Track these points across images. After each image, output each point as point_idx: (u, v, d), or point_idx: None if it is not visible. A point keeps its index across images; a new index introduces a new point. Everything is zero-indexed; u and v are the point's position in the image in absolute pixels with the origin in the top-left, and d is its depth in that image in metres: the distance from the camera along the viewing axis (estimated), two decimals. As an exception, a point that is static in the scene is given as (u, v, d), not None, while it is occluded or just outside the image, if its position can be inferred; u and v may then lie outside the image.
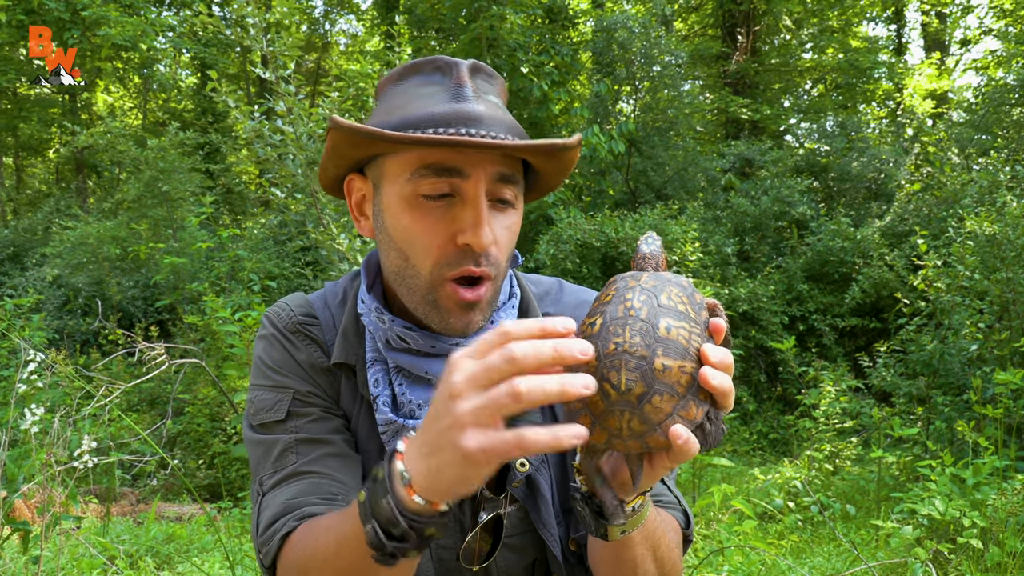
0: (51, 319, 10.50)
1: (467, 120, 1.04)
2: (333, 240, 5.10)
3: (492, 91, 1.16)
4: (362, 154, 1.12)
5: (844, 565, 4.38)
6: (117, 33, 12.87)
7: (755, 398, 9.58)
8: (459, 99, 1.07)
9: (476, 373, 0.76)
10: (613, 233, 9.59)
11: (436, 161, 1.04)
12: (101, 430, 5.40)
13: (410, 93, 1.12)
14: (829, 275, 10.52)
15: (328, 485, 1.09)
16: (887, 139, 15.00)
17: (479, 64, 1.16)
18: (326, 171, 1.19)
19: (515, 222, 1.13)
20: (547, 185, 1.22)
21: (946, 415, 6.04)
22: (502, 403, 0.74)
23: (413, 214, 1.07)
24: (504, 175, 1.08)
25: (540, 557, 1.19)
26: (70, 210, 14.46)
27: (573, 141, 1.08)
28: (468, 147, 1.02)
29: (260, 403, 1.17)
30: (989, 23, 17.39)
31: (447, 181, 1.05)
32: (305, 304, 1.26)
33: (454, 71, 1.10)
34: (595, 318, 0.86)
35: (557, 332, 0.77)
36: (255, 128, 5.09)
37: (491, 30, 11.92)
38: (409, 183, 1.06)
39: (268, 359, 1.20)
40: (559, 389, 0.74)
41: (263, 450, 1.14)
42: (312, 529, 1.02)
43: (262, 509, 1.10)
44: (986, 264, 6.43)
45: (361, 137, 1.05)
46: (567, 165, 1.15)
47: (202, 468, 6.74)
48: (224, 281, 8.34)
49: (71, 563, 3.94)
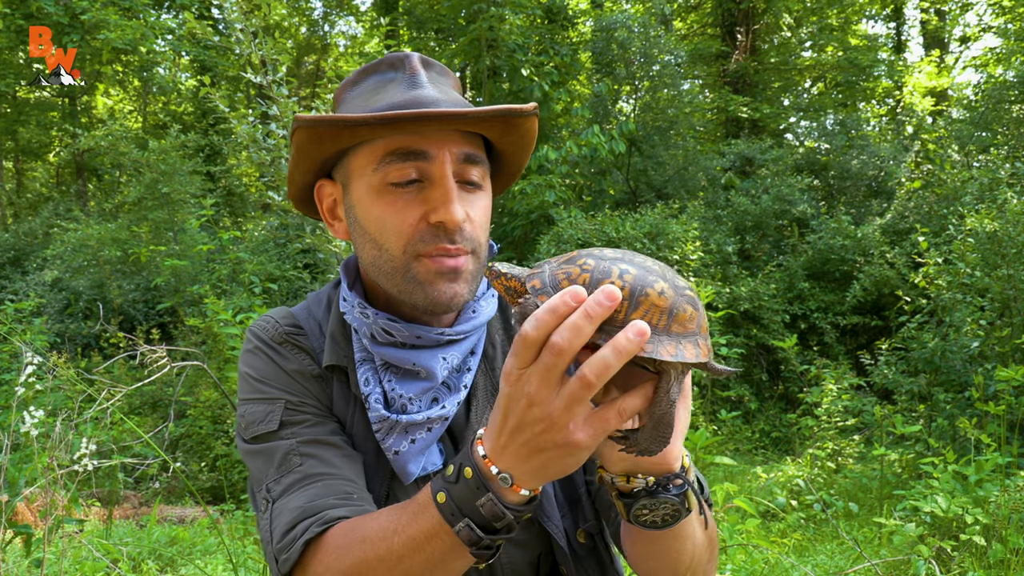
0: (52, 323, 10.51)
1: (425, 103, 1.08)
2: (330, 243, 5.11)
3: (446, 83, 1.20)
4: (327, 151, 1.13)
5: (847, 563, 4.38)
6: (117, 37, 12.88)
7: (757, 397, 9.57)
8: (415, 87, 1.11)
9: (543, 379, 0.80)
10: (614, 233, 9.59)
11: (400, 146, 1.07)
12: (103, 433, 5.40)
13: (368, 92, 1.16)
14: (830, 273, 10.52)
15: (341, 485, 1.08)
16: (887, 137, 15.00)
17: (429, 59, 1.20)
18: (294, 182, 1.20)
19: (486, 204, 1.15)
20: (512, 166, 1.23)
21: (948, 412, 6.04)
22: (582, 395, 0.80)
23: (383, 201, 1.09)
24: (468, 155, 1.10)
25: (545, 551, 1.18)
26: (70, 213, 14.48)
27: (529, 107, 1.10)
28: (430, 119, 1.04)
29: (251, 416, 1.16)
30: (988, 20, 17.40)
31: (413, 165, 1.07)
32: (289, 316, 1.26)
33: (406, 63, 1.15)
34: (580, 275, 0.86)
35: (571, 305, 0.79)
36: (249, 132, 5.09)
37: (490, 31, 11.92)
38: (377, 173, 1.09)
39: (255, 372, 1.19)
40: (617, 353, 0.78)
41: (263, 459, 1.13)
42: (355, 536, 0.99)
43: (274, 517, 1.07)
44: (987, 261, 6.42)
45: (323, 128, 1.06)
46: (527, 139, 1.16)
47: (204, 471, 6.74)
48: (225, 283, 8.35)
49: (74, 566, 3.95)
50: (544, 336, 0.79)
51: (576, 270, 0.84)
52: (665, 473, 0.93)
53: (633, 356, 0.79)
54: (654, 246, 9.55)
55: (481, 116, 1.06)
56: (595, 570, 1.18)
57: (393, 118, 1.02)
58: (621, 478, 0.94)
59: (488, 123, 1.10)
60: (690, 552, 1.05)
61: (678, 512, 0.94)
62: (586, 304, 0.78)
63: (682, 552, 1.04)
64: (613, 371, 0.78)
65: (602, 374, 0.78)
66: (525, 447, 0.84)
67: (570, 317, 0.78)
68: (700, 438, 4.47)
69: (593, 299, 0.78)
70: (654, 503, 0.93)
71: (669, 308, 0.83)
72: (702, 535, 1.07)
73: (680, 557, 1.04)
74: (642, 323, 0.78)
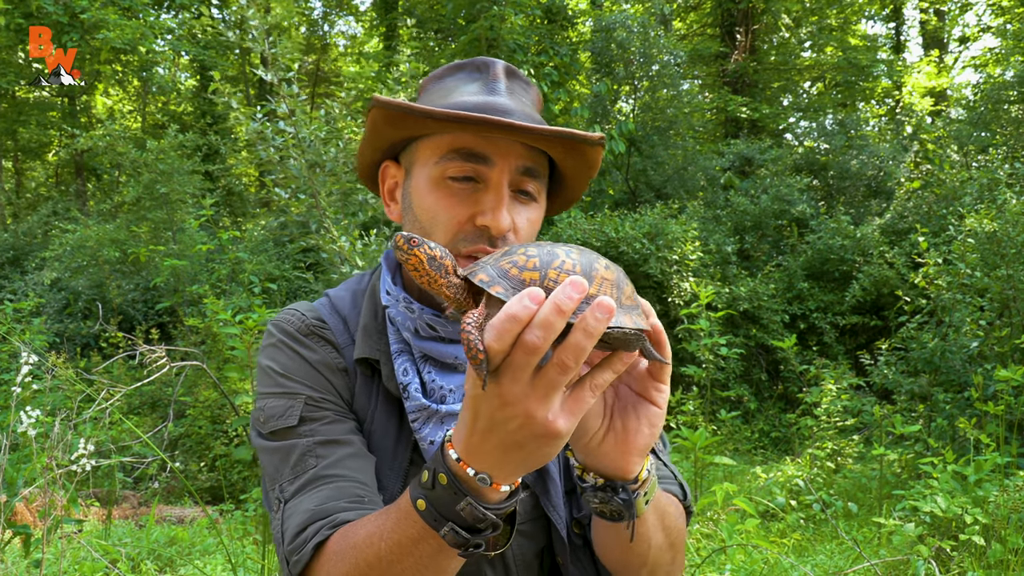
0: (51, 323, 10.50)
1: (495, 110, 1.12)
2: (334, 243, 5.11)
3: (526, 96, 1.23)
4: (398, 135, 1.18)
5: (847, 563, 4.38)
6: (116, 36, 12.87)
7: (756, 397, 9.57)
8: (491, 92, 1.16)
9: (515, 377, 0.80)
10: (613, 233, 9.59)
11: (464, 146, 1.11)
12: (102, 433, 5.39)
13: (448, 88, 1.21)
14: (829, 273, 10.52)
15: (353, 488, 1.08)
16: (886, 137, 15.00)
17: (516, 69, 1.24)
18: (363, 156, 1.26)
19: (536, 217, 1.18)
20: (571, 189, 1.27)
21: (947, 412, 6.04)
22: (559, 381, 0.80)
23: (438, 193, 1.14)
24: (528, 168, 1.14)
25: (547, 544, 1.20)
26: (69, 213, 14.46)
27: (596, 136, 1.12)
28: (493, 127, 1.07)
29: (271, 410, 1.17)
30: (987, 20, 17.41)
31: (473, 166, 1.12)
32: (313, 309, 1.28)
33: (490, 68, 1.20)
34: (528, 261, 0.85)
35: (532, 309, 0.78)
36: (257, 130, 5.09)
37: (491, 31, 11.92)
38: (438, 166, 1.13)
39: (278, 366, 1.20)
40: (587, 334, 0.78)
41: (280, 457, 1.14)
42: (348, 542, 1.00)
43: (286, 517, 1.08)
44: (986, 261, 6.43)
45: (396, 112, 1.11)
46: (590, 163, 1.19)
47: (204, 471, 6.74)
48: (224, 283, 8.35)
49: (73, 567, 3.94)
50: (509, 345, 0.79)
51: (522, 259, 0.84)
52: (617, 479, 0.96)
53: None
54: (653, 246, 9.55)
55: (544, 134, 1.09)
56: (588, 562, 1.19)
57: (458, 118, 1.07)
58: (578, 467, 0.98)
59: (551, 142, 1.13)
60: (644, 551, 1.08)
61: (621, 514, 0.98)
62: (556, 299, 0.78)
63: (635, 548, 1.07)
64: (588, 351, 0.79)
65: (579, 356, 0.79)
66: (501, 445, 0.84)
67: (540, 313, 0.78)
68: (699, 438, 4.48)
69: (562, 293, 0.78)
70: (604, 496, 0.97)
71: (616, 282, 0.86)
72: (662, 539, 1.10)
73: (632, 552, 1.07)
74: (607, 299, 0.79)
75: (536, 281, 0.82)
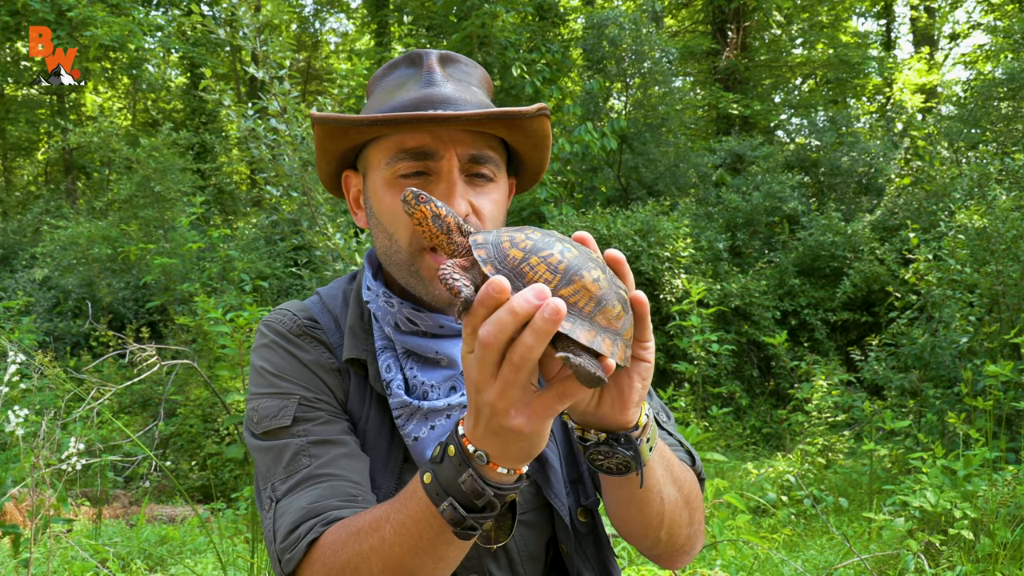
0: (41, 321, 10.44)
1: (434, 102, 1.12)
2: (328, 240, 5.09)
3: (469, 78, 1.23)
4: (342, 145, 1.19)
5: (837, 558, 4.40)
6: (104, 33, 12.78)
7: (748, 393, 9.60)
8: (428, 84, 1.16)
9: (480, 367, 0.81)
10: (605, 230, 9.60)
11: (409, 145, 1.12)
12: (92, 432, 5.37)
13: (388, 87, 1.21)
14: (820, 270, 10.55)
15: (346, 487, 1.08)
16: (877, 134, 15.05)
17: (452, 55, 1.23)
18: (321, 170, 1.27)
19: (497, 197, 1.18)
20: (531, 163, 1.26)
21: (937, 408, 6.07)
22: (513, 379, 0.80)
23: (392, 192, 1.15)
24: (475, 155, 1.14)
25: (552, 536, 1.20)
26: (59, 211, 14.37)
27: (531, 109, 1.12)
28: (423, 122, 1.08)
29: (264, 411, 1.16)
30: (977, 18, 17.49)
31: (422, 163, 1.13)
32: (304, 309, 1.28)
33: (424, 60, 1.20)
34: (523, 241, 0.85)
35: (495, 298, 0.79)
36: (249, 127, 5.07)
37: (482, 28, 11.89)
38: (388, 167, 1.15)
39: (270, 366, 1.20)
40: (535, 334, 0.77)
41: (272, 456, 1.13)
42: (349, 530, 1.00)
43: (278, 515, 1.08)
44: (976, 257, 6.46)
45: (332, 126, 1.14)
46: (538, 136, 1.19)
47: (195, 469, 6.72)
48: (215, 281, 8.31)
49: (62, 566, 3.92)
50: (477, 327, 0.80)
51: (520, 237, 0.85)
52: (617, 430, 0.96)
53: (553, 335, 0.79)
54: (645, 243, 9.56)
55: (475, 119, 1.09)
56: (592, 550, 1.21)
57: (387, 120, 1.09)
58: (577, 428, 0.98)
59: (491, 123, 1.13)
60: (658, 507, 1.08)
61: (628, 465, 0.97)
62: (514, 300, 0.78)
63: (649, 503, 1.06)
64: (537, 351, 0.78)
65: (526, 355, 0.78)
66: (486, 429, 0.86)
67: (496, 312, 0.79)
68: (691, 434, 4.49)
69: (521, 295, 0.78)
70: (608, 451, 0.97)
71: (599, 297, 0.83)
72: (674, 493, 1.11)
73: (647, 509, 1.07)
74: (558, 301, 0.77)
75: (518, 260, 0.83)
